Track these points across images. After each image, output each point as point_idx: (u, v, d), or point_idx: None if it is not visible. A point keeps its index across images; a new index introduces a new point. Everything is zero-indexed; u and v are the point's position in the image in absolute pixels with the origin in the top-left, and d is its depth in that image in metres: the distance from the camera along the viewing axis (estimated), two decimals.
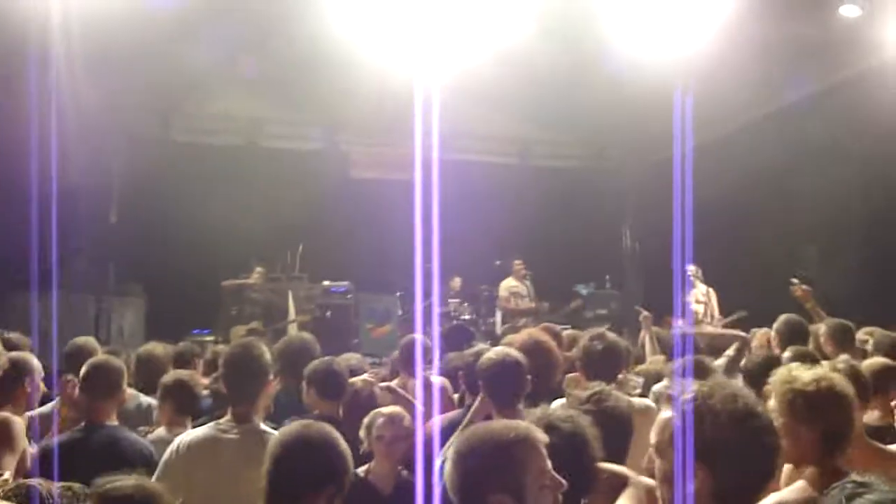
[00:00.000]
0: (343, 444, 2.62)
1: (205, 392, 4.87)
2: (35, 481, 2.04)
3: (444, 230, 12.01)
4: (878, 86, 8.88)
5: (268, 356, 3.76)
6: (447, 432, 4.03)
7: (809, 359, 4.22)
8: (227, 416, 3.61)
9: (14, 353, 4.51)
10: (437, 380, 5.66)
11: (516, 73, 10.44)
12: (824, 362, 4.28)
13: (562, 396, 4.00)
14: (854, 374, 3.52)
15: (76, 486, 2.16)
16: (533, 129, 13.98)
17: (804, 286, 6.48)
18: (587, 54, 9.87)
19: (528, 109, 12.65)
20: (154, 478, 3.41)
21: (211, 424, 3.62)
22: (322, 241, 12.32)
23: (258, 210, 11.50)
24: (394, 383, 5.60)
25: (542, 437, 2.14)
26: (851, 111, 9.41)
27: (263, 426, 3.60)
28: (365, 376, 5.05)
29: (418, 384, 5.37)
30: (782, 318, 5.76)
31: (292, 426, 2.74)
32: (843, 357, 3.80)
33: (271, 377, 3.75)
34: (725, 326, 8.78)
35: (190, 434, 3.60)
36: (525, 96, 11.68)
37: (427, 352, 6.25)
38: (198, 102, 12.35)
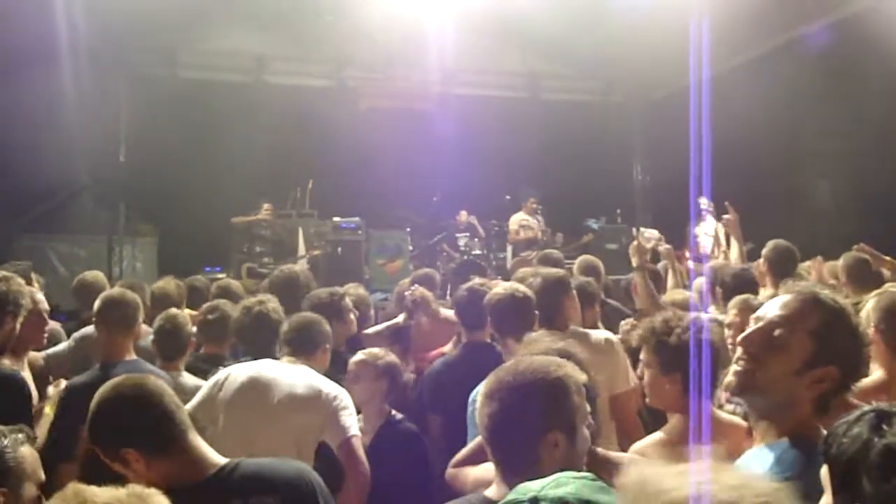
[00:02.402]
0: (156, 404, 2.34)
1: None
2: None
3: (453, 164, 12.06)
4: (892, 19, 8.71)
5: (326, 326, 3.93)
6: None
7: None
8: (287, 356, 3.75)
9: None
10: (449, 313, 5.71)
11: (526, 7, 10.27)
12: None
13: None
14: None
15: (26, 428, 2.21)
16: (543, 63, 13.82)
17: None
18: None
19: (538, 43, 12.49)
20: (192, 402, 3.49)
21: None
22: (331, 177, 12.30)
23: (267, 146, 11.46)
24: (401, 317, 5.63)
25: (582, 376, 2.13)
26: (864, 44, 9.25)
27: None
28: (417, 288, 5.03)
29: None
30: (770, 244, 5.54)
31: (116, 380, 2.47)
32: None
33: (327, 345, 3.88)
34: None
35: (238, 368, 3.63)
36: (535, 30, 11.50)
37: (437, 287, 6.29)
38: (203, 39, 12.22)
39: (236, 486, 2.32)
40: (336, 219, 11.64)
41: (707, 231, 10.13)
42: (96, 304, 4.07)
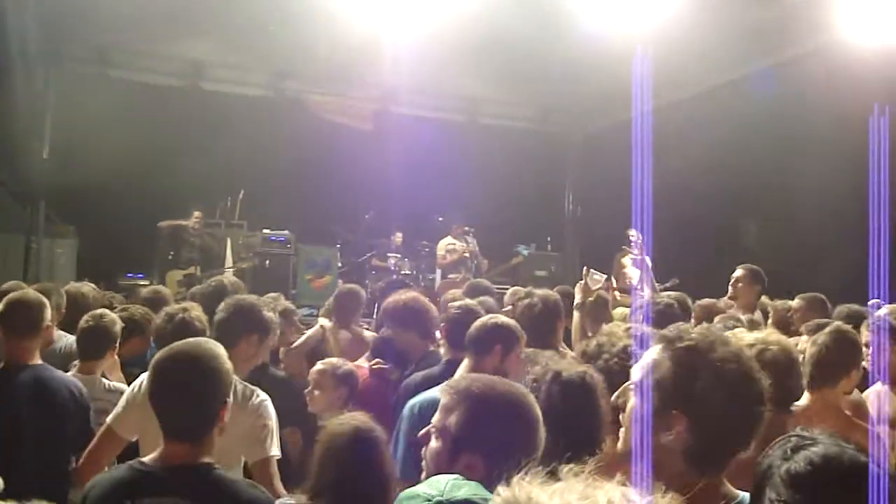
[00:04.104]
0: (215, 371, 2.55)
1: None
2: None
3: (387, 183, 12.02)
4: (828, 63, 9.01)
5: (268, 314, 3.81)
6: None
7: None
8: None
9: None
10: (369, 334, 5.68)
11: (470, 31, 10.32)
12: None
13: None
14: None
15: None
16: (482, 88, 13.90)
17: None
18: (542, 16, 9.81)
19: (479, 68, 12.57)
20: (115, 412, 3.44)
21: None
22: (263, 188, 12.14)
23: (198, 153, 11.22)
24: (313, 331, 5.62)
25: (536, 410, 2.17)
26: (803, 88, 9.54)
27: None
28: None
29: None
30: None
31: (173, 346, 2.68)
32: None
33: (259, 335, 3.76)
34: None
35: None
36: (477, 54, 11.57)
37: (363, 304, 6.26)
38: (139, 40, 11.94)
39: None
40: (266, 231, 11.50)
41: (635, 262, 10.29)
42: None
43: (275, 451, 3.37)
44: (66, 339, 4.77)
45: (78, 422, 3.77)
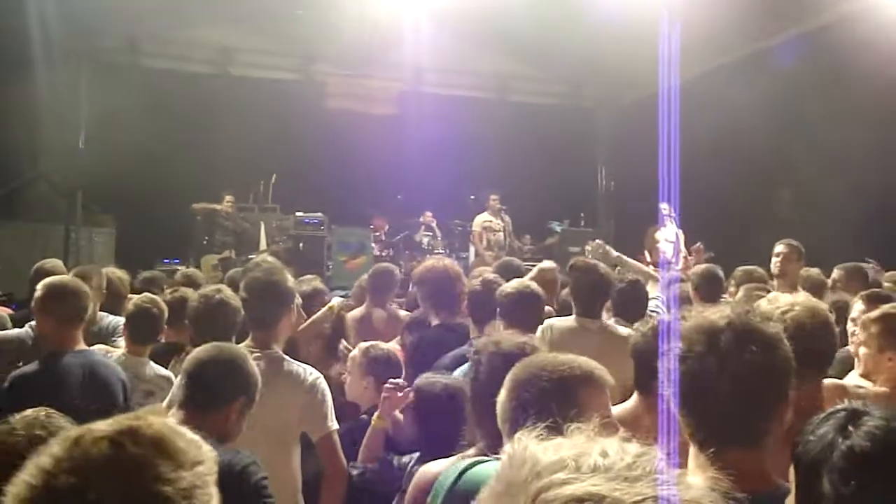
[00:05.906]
0: (250, 364, 2.80)
1: None
2: None
3: (419, 163, 12.03)
4: (858, 30, 8.84)
5: (290, 282, 3.71)
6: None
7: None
8: (248, 341, 3.55)
9: None
10: (404, 313, 5.69)
11: (496, 8, 10.27)
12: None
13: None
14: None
15: None
16: (512, 65, 13.83)
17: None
18: None
19: (508, 45, 12.51)
20: (169, 397, 3.46)
21: None
22: (295, 171, 12.20)
23: (230, 139, 11.31)
24: (358, 312, 5.61)
25: (608, 378, 2.09)
26: (830, 57, 9.39)
27: (281, 353, 3.53)
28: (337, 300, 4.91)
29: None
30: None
31: (206, 346, 2.87)
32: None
33: (293, 305, 3.69)
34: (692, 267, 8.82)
35: None
36: (505, 31, 11.51)
37: (398, 283, 6.28)
38: (168, 28, 12.03)
39: None
40: (299, 214, 11.55)
41: (667, 237, 10.20)
42: (39, 291, 3.82)
43: (334, 424, 3.43)
44: (108, 319, 4.87)
45: (123, 408, 3.78)
